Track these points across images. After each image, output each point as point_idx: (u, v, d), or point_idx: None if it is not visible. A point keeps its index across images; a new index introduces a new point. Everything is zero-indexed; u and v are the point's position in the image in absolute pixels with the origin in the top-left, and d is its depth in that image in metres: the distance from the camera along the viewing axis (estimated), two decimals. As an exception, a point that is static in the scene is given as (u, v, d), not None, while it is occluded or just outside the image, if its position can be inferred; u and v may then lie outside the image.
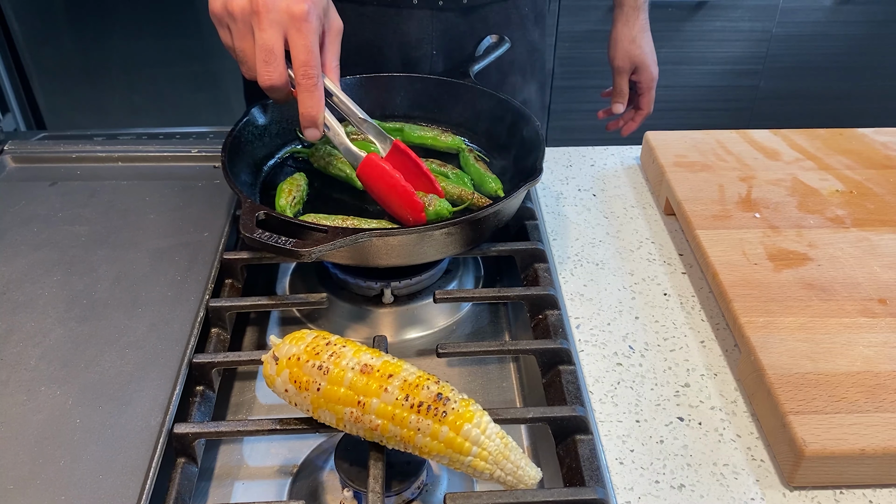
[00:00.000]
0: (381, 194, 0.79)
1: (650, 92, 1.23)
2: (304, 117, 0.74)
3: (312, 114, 0.74)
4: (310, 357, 0.58)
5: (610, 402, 0.70)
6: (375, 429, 0.56)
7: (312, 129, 0.75)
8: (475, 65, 0.99)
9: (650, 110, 1.26)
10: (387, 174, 0.77)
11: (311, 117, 0.74)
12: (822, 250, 0.81)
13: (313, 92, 0.73)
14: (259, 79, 0.73)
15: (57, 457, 0.59)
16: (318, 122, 0.74)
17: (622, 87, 1.22)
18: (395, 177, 0.77)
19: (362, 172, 0.79)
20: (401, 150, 0.81)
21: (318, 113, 0.74)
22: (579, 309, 0.80)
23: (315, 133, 0.75)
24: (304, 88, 0.72)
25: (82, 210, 0.87)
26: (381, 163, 0.77)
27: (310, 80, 0.72)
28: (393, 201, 0.78)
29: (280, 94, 0.75)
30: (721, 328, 0.78)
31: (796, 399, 0.64)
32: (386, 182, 0.77)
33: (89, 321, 0.71)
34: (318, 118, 0.74)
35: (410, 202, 0.77)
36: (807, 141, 1.01)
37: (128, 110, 2.43)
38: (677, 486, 0.62)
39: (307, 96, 0.73)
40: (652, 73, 1.20)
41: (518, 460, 0.55)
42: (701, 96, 2.52)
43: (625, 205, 0.97)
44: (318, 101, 0.73)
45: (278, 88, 0.73)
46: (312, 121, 0.74)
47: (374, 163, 0.78)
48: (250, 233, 0.69)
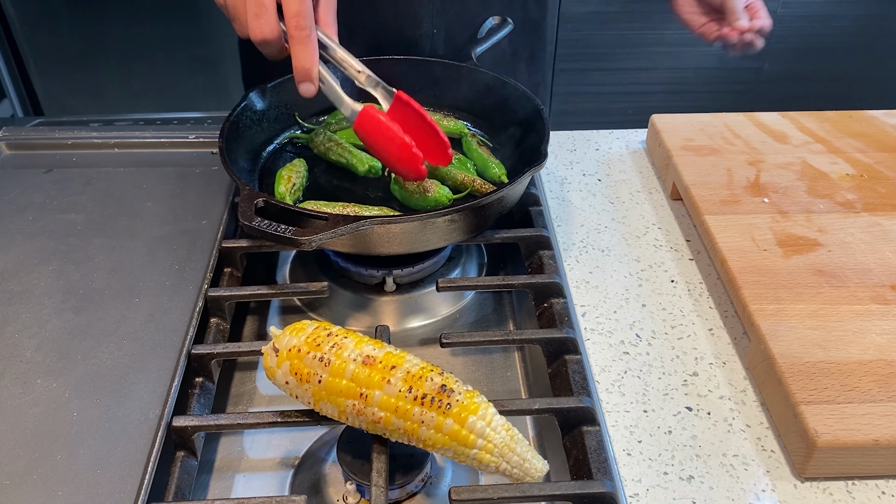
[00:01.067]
0: (379, 148, 0.76)
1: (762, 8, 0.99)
2: (298, 71, 0.72)
3: (306, 66, 0.71)
4: (311, 348, 0.57)
5: (617, 391, 0.69)
6: (378, 421, 0.55)
7: (307, 84, 0.73)
8: (477, 47, 0.97)
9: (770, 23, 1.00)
10: (384, 126, 0.74)
11: (305, 70, 0.72)
12: (833, 236, 0.79)
13: (306, 44, 0.70)
14: (251, 33, 0.71)
15: (54, 451, 0.58)
16: (312, 76, 0.72)
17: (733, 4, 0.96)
18: (393, 129, 0.74)
19: (359, 126, 0.76)
20: (403, 102, 0.78)
21: (313, 66, 0.72)
22: (585, 296, 0.79)
23: (310, 88, 0.73)
24: (297, 40, 0.70)
25: (78, 198, 0.85)
26: (378, 115, 0.75)
27: (302, 31, 0.69)
28: (391, 155, 0.76)
29: (273, 50, 0.72)
30: (730, 316, 0.76)
31: (807, 388, 0.63)
32: (383, 135, 0.75)
33: (86, 311, 0.70)
34: (313, 71, 0.72)
35: (408, 155, 0.74)
36: (816, 123, 0.99)
37: (126, 95, 2.41)
38: (686, 478, 0.61)
39: (300, 48, 0.70)
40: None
41: (524, 453, 0.54)
42: (705, 78, 2.49)
43: (630, 190, 0.96)
44: (311, 53, 0.71)
45: (270, 43, 0.71)
46: (306, 74, 0.72)
47: (370, 115, 0.75)
48: (249, 221, 0.67)
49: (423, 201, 0.78)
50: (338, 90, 0.76)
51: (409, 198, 0.79)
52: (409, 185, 0.79)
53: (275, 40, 0.71)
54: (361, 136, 0.77)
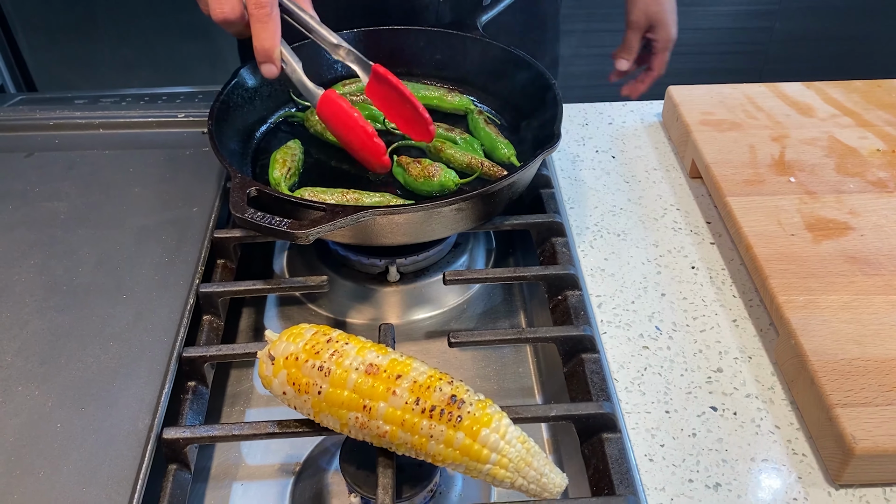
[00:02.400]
0: (342, 135, 0.74)
1: (665, 53, 1.11)
2: (258, 51, 0.69)
3: (266, 46, 0.68)
4: (309, 356, 0.52)
5: (637, 390, 0.64)
6: (384, 435, 0.51)
7: (268, 65, 0.70)
8: (483, 15, 0.91)
9: (662, 73, 1.14)
10: (344, 113, 0.71)
11: (265, 51, 0.69)
12: (865, 218, 0.75)
13: (266, 23, 0.67)
14: (212, 13, 0.68)
15: (36, 466, 0.54)
16: (273, 57, 0.69)
17: (632, 43, 1.11)
18: (354, 116, 0.71)
19: (321, 111, 0.73)
20: (380, 77, 0.75)
21: (273, 46, 0.69)
22: (600, 286, 0.74)
23: (271, 69, 0.70)
24: (257, 19, 0.67)
25: (61, 184, 0.80)
26: (338, 101, 0.72)
27: (262, 9, 0.66)
28: (353, 143, 0.73)
29: (236, 28, 0.70)
30: (755, 305, 0.72)
31: (843, 389, 0.58)
32: (345, 123, 0.72)
33: (70, 310, 0.66)
34: (274, 52, 0.69)
35: (370, 145, 0.72)
36: (842, 94, 0.94)
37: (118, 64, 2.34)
38: (713, 486, 0.57)
39: (260, 28, 0.67)
40: (670, 32, 1.09)
41: (541, 467, 0.50)
42: (714, 39, 2.42)
43: (647, 168, 0.90)
44: (272, 32, 0.68)
45: (233, 22, 0.68)
46: (267, 55, 0.69)
47: (330, 100, 0.72)
48: (241, 213, 0.63)
49: (428, 186, 0.73)
50: (299, 73, 0.72)
51: (413, 182, 0.74)
52: (413, 168, 0.74)
53: (237, 20, 0.68)
54: (324, 121, 0.75)
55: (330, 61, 0.90)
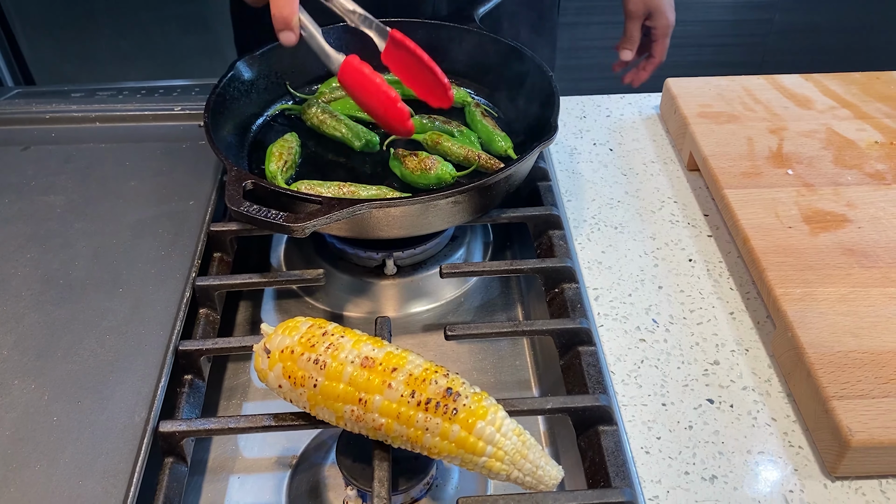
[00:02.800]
0: (364, 101, 0.73)
1: (665, 39, 1.12)
2: (276, 18, 0.68)
3: (285, 14, 0.68)
4: (304, 349, 0.52)
5: (633, 383, 0.64)
6: (379, 428, 0.51)
7: (287, 32, 0.69)
8: (480, 7, 0.91)
9: (663, 59, 1.15)
10: (367, 79, 0.71)
11: (284, 18, 0.68)
12: (863, 210, 0.74)
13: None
14: None
15: (32, 460, 0.54)
16: (292, 24, 0.68)
17: (633, 32, 1.11)
18: (377, 82, 0.71)
19: (343, 78, 0.73)
20: (398, 42, 0.74)
21: (293, 13, 0.68)
22: (597, 279, 0.74)
23: (290, 36, 0.69)
24: None
25: (57, 178, 0.80)
26: (361, 66, 0.71)
27: None
28: (377, 109, 0.72)
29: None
30: (752, 298, 0.72)
31: (839, 381, 0.58)
32: (367, 88, 0.71)
33: (66, 304, 0.66)
34: (293, 19, 0.68)
35: (394, 110, 0.71)
36: (841, 86, 0.93)
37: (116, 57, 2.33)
38: (709, 478, 0.57)
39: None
40: (668, 18, 1.10)
41: (537, 459, 0.50)
42: (712, 31, 2.41)
43: (644, 160, 0.90)
44: None
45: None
46: (286, 22, 0.68)
47: (353, 67, 0.71)
48: (237, 206, 0.62)
49: (425, 179, 0.73)
50: (320, 40, 0.72)
51: (410, 175, 0.74)
52: (410, 161, 0.74)
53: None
54: (346, 87, 0.74)
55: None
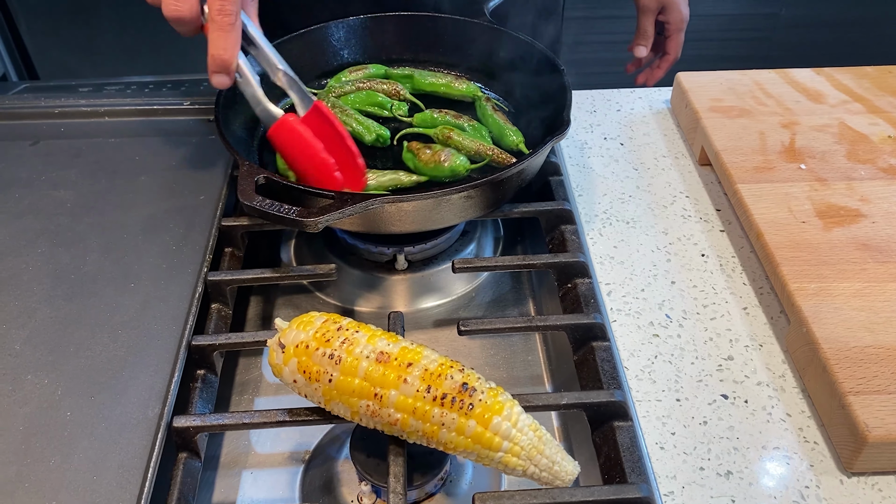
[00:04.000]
0: (296, 163, 0.69)
1: (679, 35, 1.10)
2: (214, 60, 0.64)
3: (224, 57, 0.64)
4: (319, 344, 0.52)
5: (647, 378, 0.64)
6: (395, 423, 0.51)
7: (221, 76, 0.65)
8: (491, 1, 0.90)
9: (678, 55, 1.13)
10: (304, 141, 0.67)
11: (223, 61, 0.64)
12: (876, 205, 0.74)
13: (229, 32, 0.63)
14: (164, 9, 0.63)
15: (46, 455, 0.54)
16: (229, 68, 0.65)
17: (647, 28, 1.10)
18: (315, 146, 0.67)
19: (275, 135, 0.68)
20: (321, 114, 0.69)
21: (232, 57, 0.64)
22: (610, 274, 0.74)
23: (224, 80, 0.65)
24: (219, 26, 0.62)
25: (67, 172, 0.80)
26: (298, 126, 0.67)
27: (227, 17, 0.62)
28: (308, 173, 0.68)
29: (187, 28, 0.65)
30: (765, 293, 0.72)
31: (856, 377, 0.58)
32: (302, 150, 0.68)
33: (78, 299, 0.65)
34: (232, 64, 0.64)
35: (327, 177, 0.67)
36: (853, 80, 0.93)
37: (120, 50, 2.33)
38: (724, 474, 0.57)
39: (220, 36, 0.63)
40: (682, 12, 1.08)
41: (553, 455, 0.50)
42: (719, 25, 2.40)
43: (655, 155, 0.90)
44: (233, 42, 0.64)
45: (187, 22, 0.64)
46: (224, 65, 0.64)
47: (290, 126, 0.67)
48: (249, 201, 0.62)
49: (439, 171, 0.73)
50: (255, 88, 0.68)
51: (424, 168, 0.73)
52: (423, 154, 0.73)
53: (191, 20, 0.64)
54: (276, 145, 0.70)
55: (336, 48, 0.89)
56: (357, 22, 0.88)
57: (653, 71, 1.17)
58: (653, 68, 1.17)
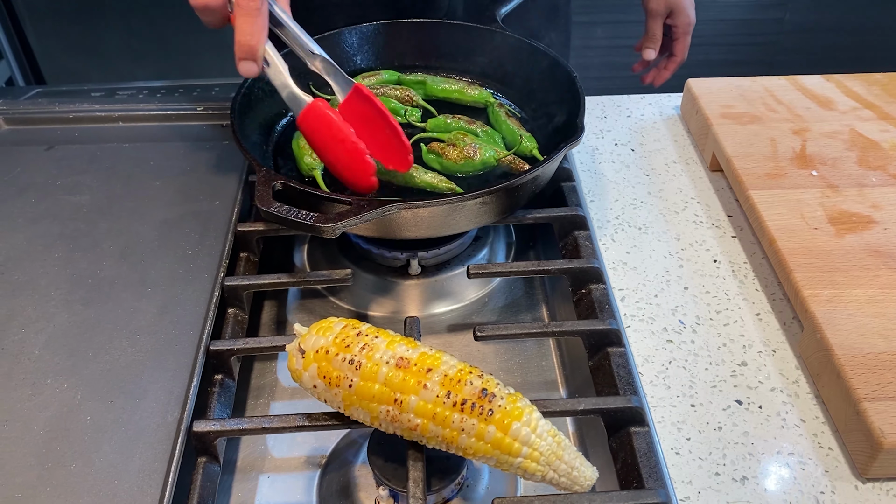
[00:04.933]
0: (326, 150, 0.67)
1: (686, 37, 1.12)
2: (241, 46, 0.63)
3: (251, 43, 0.62)
4: (339, 350, 0.52)
5: (662, 384, 0.64)
6: (415, 428, 0.51)
7: (249, 63, 0.64)
8: (502, 7, 0.91)
9: (684, 58, 1.15)
10: (335, 126, 0.65)
11: (250, 48, 0.63)
12: (888, 212, 0.74)
13: (255, 17, 0.62)
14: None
15: (67, 459, 0.54)
16: (256, 55, 0.63)
17: (655, 31, 1.12)
18: (345, 130, 0.65)
19: (305, 120, 0.66)
20: (362, 96, 0.68)
21: (259, 43, 0.63)
22: (623, 279, 0.74)
23: (252, 67, 0.64)
24: (245, 11, 0.61)
25: (82, 177, 0.80)
26: (327, 111, 0.65)
27: (252, 1, 0.61)
28: (339, 160, 0.66)
29: (214, 18, 0.64)
30: (777, 299, 0.72)
31: (870, 383, 0.58)
32: (333, 136, 0.65)
33: (95, 303, 0.66)
34: (258, 49, 0.63)
35: (359, 162, 0.65)
36: (863, 87, 0.93)
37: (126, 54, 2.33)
38: (739, 479, 0.58)
39: (246, 21, 0.62)
40: (689, 16, 1.10)
41: (572, 460, 0.50)
42: (724, 30, 2.40)
43: (666, 160, 0.90)
44: (259, 28, 0.62)
45: (213, 10, 0.63)
46: (251, 52, 0.63)
47: (320, 111, 0.65)
48: (267, 206, 0.62)
49: (470, 167, 0.74)
50: (285, 75, 0.66)
51: (453, 166, 0.74)
52: (450, 152, 0.74)
53: (218, 7, 0.63)
54: (305, 132, 0.68)
55: (349, 54, 0.89)
56: (370, 28, 0.89)
57: (660, 71, 1.18)
58: (660, 69, 1.18)
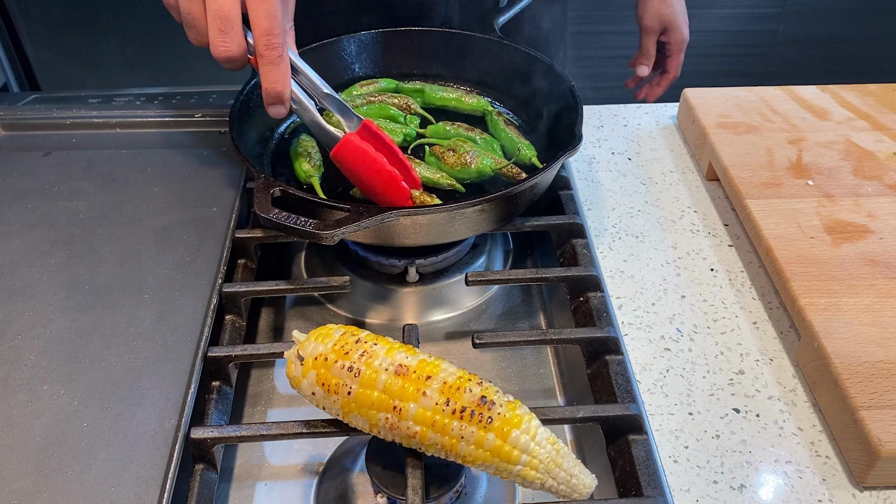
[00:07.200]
0: (363, 179, 0.70)
1: (679, 55, 1.15)
2: (269, 94, 0.66)
3: (278, 90, 0.65)
4: (338, 357, 0.52)
5: (660, 392, 0.65)
6: (414, 436, 0.51)
7: (277, 107, 0.67)
8: (500, 16, 0.91)
9: (677, 74, 1.17)
10: (369, 157, 0.69)
11: (277, 94, 0.66)
12: (884, 221, 0.75)
13: (279, 64, 0.64)
14: (213, 49, 0.64)
15: (64, 466, 0.54)
16: (284, 98, 0.66)
17: (649, 48, 1.14)
18: (380, 160, 0.69)
19: (339, 154, 0.70)
20: (372, 132, 0.71)
21: (285, 88, 0.66)
22: (620, 288, 0.74)
23: (280, 110, 0.67)
24: (269, 61, 0.64)
25: (79, 183, 0.80)
26: (361, 144, 0.69)
27: (274, 50, 0.63)
28: (377, 187, 0.70)
29: (237, 66, 0.66)
30: (774, 307, 0.72)
31: (867, 391, 0.58)
32: (368, 166, 0.69)
33: (93, 309, 0.66)
34: (285, 94, 0.66)
35: (396, 188, 0.69)
36: (858, 98, 0.94)
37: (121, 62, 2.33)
38: (737, 487, 0.58)
39: (271, 70, 0.64)
40: (683, 33, 1.12)
41: (571, 468, 0.50)
42: (718, 41, 2.42)
43: (663, 169, 0.90)
44: (284, 74, 0.65)
45: (236, 59, 0.65)
46: (279, 97, 0.66)
47: (353, 145, 0.69)
48: (266, 213, 0.62)
49: (466, 173, 0.74)
50: (313, 112, 0.70)
51: (450, 171, 0.75)
52: (449, 157, 0.75)
53: (240, 57, 0.65)
54: (340, 164, 0.71)
55: (347, 62, 0.90)
56: (368, 37, 0.89)
57: (652, 87, 1.20)
58: (652, 85, 1.20)
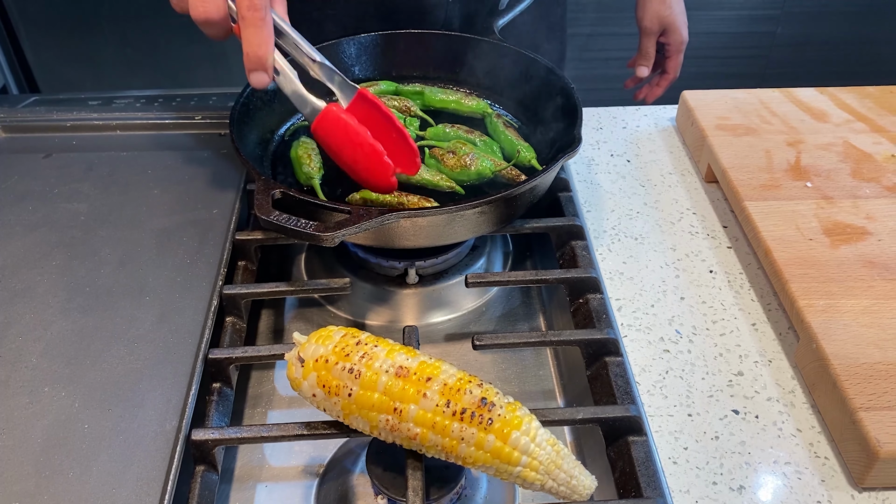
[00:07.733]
0: (343, 154, 0.67)
1: (678, 56, 1.15)
2: (250, 58, 0.63)
3: (259, 54, 0.62)
4: (339, 359, 0.52)
5: (659, 393, 0.65)
6: (414, 438, 0.51)
7: (259, 73, 0.64)
8: (500, 19, 0.92)
9: (677, 75, 1.18)
10: (351, 130, 0.65)
11: (259, 58, 0.63)
12: (882, 223, 0.75)
13: (261, 28, 0.62)
14: (192, 11, 0.62)
15: (65, 468, 0.54)
16: (266, 64, 0.63)
17: (648, 49, 1.14)
18: (362, 133, 0.65)
19: (320, 127, 0.66)
20: (367, 101, 0.68)
21: (267, 53, 0.63)
22: (619, 289, 0.75)
23: (263, 78, 0.64)
24: (250, 23, 0.61)
25: (80, 185, 0.80)
26: (343, 115, 0.66)
27: (256, 12, 0.61)
28: (358, 163, 0.67)
29: (217, 30, 0.64)
30: (773, 309, 0.72)
31: (866, 393, 0.59)
32: (350, 140, 0.66)
33: (93, 311, 0.66)
34: (268, 59, 0.63)
35: (378, 164, 0.66)
36: (856, 100, 0.94)
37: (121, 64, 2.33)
38: (737, 488, 0.58)
39: (253, 33, 0.62)
40: (682, 35, 1.13)
41: (571, 469, 0.50)
42: (717, 43, 2.43)
43: (662, 172, 0.91)
44: (266, 38, 0.62)
45: (214, 22, 0.62)
46: (260, 62, 0.63)
47: (334, 116, 0.66)
48: (267, 215, 0.63)
49: (465, 175, 0.74)
50: (296, 83, 0.66)
51: (450, 173, 0.75)
52: (449, 159, 0.75)
53: (220, 20, 0.62)
54: (321, 138, 0.68)
55: (347, 64, 0.90)
56: (368, 39, 0.89)
57: (652, 88, 1.20)
58: (651, 85, 1.20)
